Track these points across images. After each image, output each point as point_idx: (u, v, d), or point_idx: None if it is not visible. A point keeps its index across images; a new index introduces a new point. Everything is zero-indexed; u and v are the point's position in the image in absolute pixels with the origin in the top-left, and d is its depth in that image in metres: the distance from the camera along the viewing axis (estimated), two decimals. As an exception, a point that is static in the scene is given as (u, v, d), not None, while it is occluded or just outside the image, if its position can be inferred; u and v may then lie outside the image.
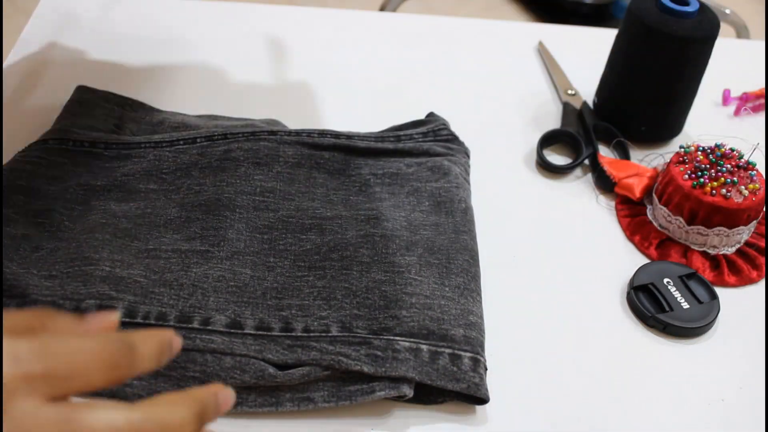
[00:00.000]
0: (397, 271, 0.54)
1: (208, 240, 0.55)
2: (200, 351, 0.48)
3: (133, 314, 0.49)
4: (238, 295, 0.52)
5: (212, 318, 0.50)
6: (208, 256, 0.54)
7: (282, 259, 0.55)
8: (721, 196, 0.60)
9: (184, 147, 0.62)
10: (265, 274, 0.53)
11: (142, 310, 0.49)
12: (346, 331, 0.50)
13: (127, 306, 0.49)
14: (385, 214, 0.58)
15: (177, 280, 0.52)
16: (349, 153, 0.64)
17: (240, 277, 0.53)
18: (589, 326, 0.56)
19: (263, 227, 0.57)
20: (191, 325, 0.49)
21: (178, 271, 0.52)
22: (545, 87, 0.79)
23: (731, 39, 0.99)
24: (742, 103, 0.78)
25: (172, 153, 0.61)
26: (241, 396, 0.47)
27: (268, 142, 0.62)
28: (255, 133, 0.63)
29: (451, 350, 0.49)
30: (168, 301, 0.50)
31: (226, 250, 0.54)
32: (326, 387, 0.48)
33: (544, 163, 0.69)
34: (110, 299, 0.49)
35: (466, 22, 0.89)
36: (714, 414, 0.51)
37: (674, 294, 0.57)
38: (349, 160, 0.63)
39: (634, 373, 0.53)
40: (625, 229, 0.64)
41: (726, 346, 0.56)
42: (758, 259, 0.61)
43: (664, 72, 0.68)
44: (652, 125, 0.71)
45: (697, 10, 0.66)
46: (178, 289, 0.51)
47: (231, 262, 0.54)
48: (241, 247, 0.55)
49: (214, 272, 0.53)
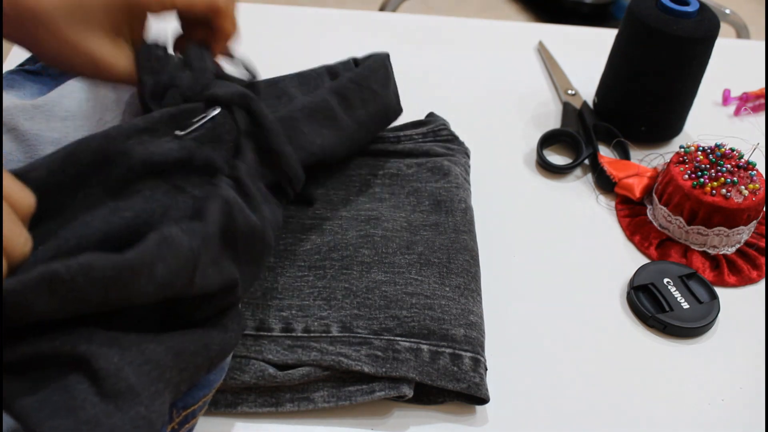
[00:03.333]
0: (397, 271, 0.54)
1: (208, 240, 0.55)
2: (200, 351, 0.48)
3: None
4: (238, 295, 0.52)
5: (212, 318, 0.50)
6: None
7: (282, 260, 0.55)
8: (721, 196, 0.60)
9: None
10: (265, 274, 0.53)
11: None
12: (347, 332, 0.50)
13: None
14: (385, 214, 0.58)
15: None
16: (349, 153, 0.64)
17: (240, 277, 0.53)
18: (589, 326, 0.56)
19: (263, 227, 0.57)
20: (191, 325, 0.49)
21: (178, 272, 0.52)
22: (545, 87, 0.80)
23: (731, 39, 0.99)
24: (742, 103, 0.78)
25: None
26: (241, 396, 0.47)
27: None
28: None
29: (451, 350, 0.49)
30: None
31: (226, 251, 0.54)
32: (326, 387, 0.48)
33: (544, 163, 0.69)
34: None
35: (465, 22, 0.89)
36: (714, 414, 0.51)
37: (674, 294, 0.57)
38: (349, 160, 0.63)
39: (634, 373, 0.53)
40: (625, 229, 0.64)
41: (726, 346, 0.56)
42: (758, 259, 0.61)
43: (664, 72, 0.68)
44: (652, 125, 0.71)
45: (697, 10, 0.66)
46: (179, 289, 0.51)
47: (231, 262, 0.54)
48: (241, 248, 0.55)
49: (214, 272, 0.53)
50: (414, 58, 0.81)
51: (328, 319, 0.50)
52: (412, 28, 0.86)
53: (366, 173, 0.62)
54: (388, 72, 0.61)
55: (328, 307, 0.51)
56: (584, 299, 0.58)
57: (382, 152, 0.64)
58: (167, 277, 0.38)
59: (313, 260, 0.55)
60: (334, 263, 0.54)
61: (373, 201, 0.60)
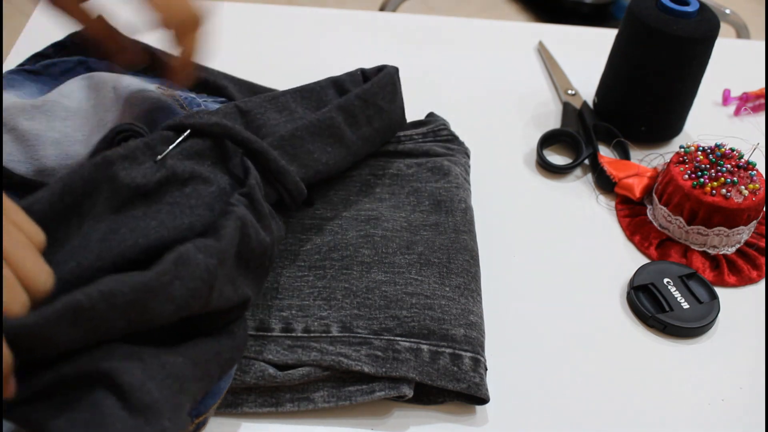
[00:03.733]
0: (397, 271, 0.54)
1: (208, 240, 0.55)
2: (200, 351, 0.48)
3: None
4: (238, 295, 0.52)
5: (212, 318, 0.50)
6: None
7: (282, 260, 0.55)
8: (721, 196, 0.60)
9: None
10: (266, 274, 0.53)
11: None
12: (347, 332, 0.50)
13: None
14: (386, 214, 0.58)
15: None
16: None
17: (240, 277, 0.53)
18: (589, 326, 0.56)
19: (263, 227, 0.57)
20: (191, 325, 0.49)
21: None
22: (545, 87, 0.80)
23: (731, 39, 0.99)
24: (742, 103, 0.78)
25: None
26: (241, 396, 0.47)
27: (268, 142, 0.62)
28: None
29: (451, 350, 0.49)
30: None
31: (226, 251, 0.54)
32: (326, 387, 0.48)
33: (544, 163, 0.69)
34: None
35: (465, 22, 0.89)
36: (714, 414, 0.51)
37: (674, 294, 0.57)
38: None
39: (634, 373, 0.53)
40: (625, 229, 0.64)
41: (726, 346, 0.56)
42: (758, 259, 0.61)
43: (664, 72, 0.68)
44: (652, 125, 0.71)
45: (697, 10, 0.66)
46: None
47: (231, 262, 0.54)
48: (242, 248, 0.55)
49: (215, 272, 0.53)
50: (414, 58, 0.81)
51: (328, 319, 0.50)
52: (412, 28, 0.86)
53: (366, 173, 0.62)
54: (396, 87, 0.61)
55: (328, 307, 0.51)
56: (584, 299, 0.58)
57: (382, 152, 0.64)
58: (185, 296, 0.38)
59: (313, 260, 0.55)
60: (334, 263, 0.54)
61: (373, 201, 0.60)
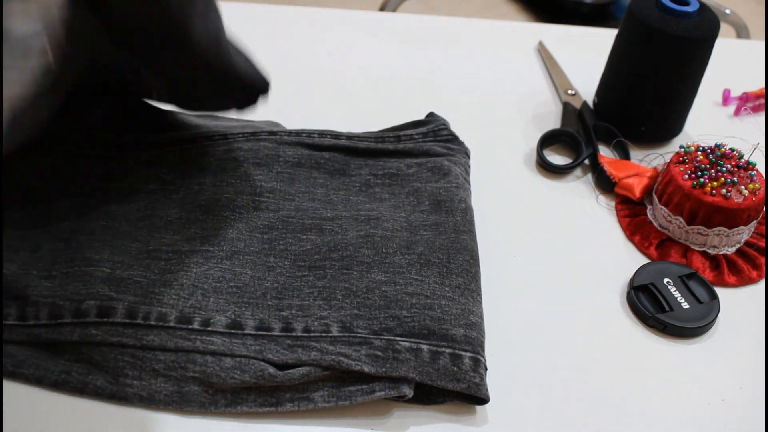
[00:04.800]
0: (397, 271, 0.54)
1: (209, 240, 0.55)
2: (200, 352, 0.48)
3: (133, 315, 0.49)
4: (238, 295, 0.52)
5: (212, 319, 0.50)
6: (208, 256, 0.54)
7: (282, 259, 0.55)
8: (721, 196, 0.60)
9: (184, 147, 0.62)
10: (266, 274, 0.53)
11: (142, 310, 0.49)
12: (347, 331, 0.50)
13: (128, 307, 0.49)
14: (386, 214, 0.58)
15: (177, 281, 0.52)
16: (349, 153, 0.64)
17: (240, 277, 0.53)
18: (589, 326, 0.56)
19: (263, 227, 0.57)
20: (191, 326, 0.49)
21: (179, 272, 0.52)
22: (545, 87, 0.80)
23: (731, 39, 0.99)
24: (742, 103, 0.78)
25: (171, 153, 0.61)
26: (241, 396, 0.47)
27: (268, 143, 0.62)
28: (255, 134, 0.63)
29: (451, 350, 0.49)
30: (168, 301, 0.50)
31: (226, 250, 0.54)
32: (326, 387, 0.48)
33: (544, 163, 0.69)
34: (110, 300, 0.49)
35: (466, 22, 0.89)
36: (714, 414, 0.51)
37: (674, 294, 0.57)
38: (350, 161, 0.63)
39: (634, 373, 0.53)
40: (625, 229, 0.64)
41: (726, 346, 0.56)
42: (758, 259, 0.61)
43: (664, 72, 0.68)
44: (652, 125, 0.71)
45: (697, 10, 0.66)
46: (179, 289, 0.51)
47: (231, 262, 0.54)
48: (241, 247, 0.55)
49: (215, 272, 0.53)
50: (414, 59, 0.81)
51: (328, 318, 0.50)
52: (412, 28, 0.86)
53: (366, 173, 0.62)
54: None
55: (328, 307, 0.51)
56: (584, 299, 0.58)
57: (382, 152, 0.64)
58: None
59: (313, 260, 0.55)
60: (334, 263, 0.54)
61: (373, 201, 0.60)
